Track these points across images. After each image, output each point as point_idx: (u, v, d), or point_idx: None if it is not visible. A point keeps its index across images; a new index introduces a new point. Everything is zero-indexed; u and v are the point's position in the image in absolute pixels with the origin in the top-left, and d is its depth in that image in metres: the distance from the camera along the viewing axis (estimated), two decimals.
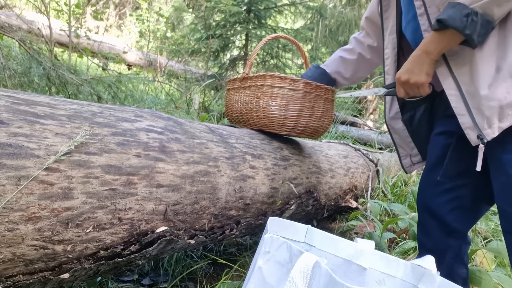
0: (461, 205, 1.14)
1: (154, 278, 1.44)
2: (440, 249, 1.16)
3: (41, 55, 2.45)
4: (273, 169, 1.41)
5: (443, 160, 1.16)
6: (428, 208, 1.18)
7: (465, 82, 1.01)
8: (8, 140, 0.69)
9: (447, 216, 1.14)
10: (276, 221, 0.86)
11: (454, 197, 1.13)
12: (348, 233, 2.05)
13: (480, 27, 0.93)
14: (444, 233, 1.15)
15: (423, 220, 1.21)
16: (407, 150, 1.36)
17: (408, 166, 1.38)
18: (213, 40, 4.76)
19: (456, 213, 1.14)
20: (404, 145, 1.36)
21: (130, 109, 1.05)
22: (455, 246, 1.16)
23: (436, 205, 1.15)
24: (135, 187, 0.88)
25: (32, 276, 0.75)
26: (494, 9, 0.93)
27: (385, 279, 0.83)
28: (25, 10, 7.70)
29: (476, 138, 0.99)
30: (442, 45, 1.01)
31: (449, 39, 1.00)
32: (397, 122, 1.34)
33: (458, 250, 1.16)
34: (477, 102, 0.98)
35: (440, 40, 1.01)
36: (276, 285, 0.75)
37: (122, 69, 6.69)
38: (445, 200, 1.14)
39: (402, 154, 1.37)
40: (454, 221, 1.14)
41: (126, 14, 11.91)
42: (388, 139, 5.05)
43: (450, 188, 1.13)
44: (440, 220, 1.15)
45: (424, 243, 1.21)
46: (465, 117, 1.01)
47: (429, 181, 1.19)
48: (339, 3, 8.68)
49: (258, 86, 1.47)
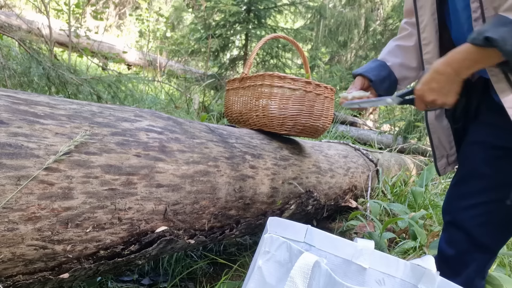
0: (491, 221, 1.05)
1: (154, 278, 1.44)
2: (464, 261, 1.09)
3: (41, 55, 2.45)
4: (273, 169, 1.41)
5: (475, 173, 1.08)
6: (454, 221, 1.11)
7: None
8: (8, 140, 0.69)
9: (475, 230, 1.06)
10: (276, 221, 0.86)
11: (484, 212, 1.05)
12: (348, 233, 2.05)
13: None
14: (471, 246, 1.08)
15: (448, 230, 1.14)
16: (446, 149, 1.25)
17: (443, 167, 1.27)
18: (213, 40, 4.75)
19: (485, 228, 1.06)
20: (444, 144, 1.24)
21: (130, 109, 1.05)
22: (480, 260, 1.09)
23: (464, 219, 1.08)
24: (135, 187, 0.88)
25: (32, 276, 0.75)
26: None
27: (385, 279, 0.83)
28: (25, 10, 7.70)
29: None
30: (478, 65, 0.90)
31: (488, 59, 0.87)
32: (442, 119, 1.21)
33: (483, 265, 1.10)
34: None
35: (478, 59, 0.87)
36: (276, 284, 0.75)
37: (122, 69, 6.69)
38: (473, 215, 1.06)
39: (439, 155, 1.27)
40: (482, 235, 1.06)
41: (126, 14, 11.91)
42: (388, 139, 5.06)
43: (481, 203, 1.05)
44: (467, 233, 1.08)
45: (444, 251, 1.13)
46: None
47: (457, 192, 1.12)
48: (339, 3, 8.67)
49: (257, 86, 1.47)
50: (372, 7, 8.12)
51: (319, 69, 8.15)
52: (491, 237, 1.07)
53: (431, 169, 2.74)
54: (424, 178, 2.66)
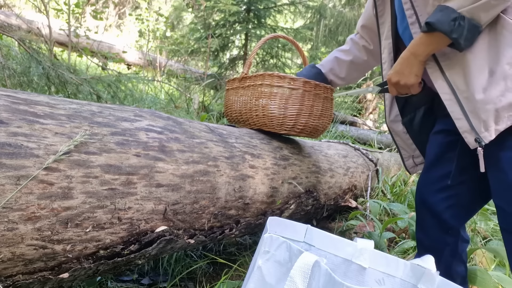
0: (458, 203, 1.16)
1: (153, 278, 1.44)
2: (438, 247, 1.18)
3: (41, 55, 2.44)
4: (272, 169, 1.41)
5: (441, 158, 1.17)
6: (425, 206, 1.20)
7: (459, 86, 1.03)
8: (7, 140, 0.69)
9: (444, 213, 1.16)
10: (275, 220, 0.86)
11: (451, 194, 1.16)
12: (347, 233, 2.05)
13: (466, 31, 0.95)
14: (441, 231, 1.17)
15: (421, 217, 1.22)
16: (409, 151, 1.38)
17: (411, 167, 1.40)
18: (213, 40, 4.75)
19: (453, 211, 1.16)
20: (406, 147, 1.38)
21: (130, 109, 1.05)
22: (452, 244, 1.18)
23: (434, 202, 1.17)
24: (134, 186, 0.88)
25: (32, 275, 0.75)
26: (481, 14, 0.95)
27: (384, 279, 0.84)
28: (25, 9, 7.70)
29: (474, 142, 1.01)
30: (430, 47, 1.04)
31: (437, 42, 1.02)
32: (397, 125, 1.36)
33: (455, 248, 1.18)
34: (472, 106, 1.00)
35: (428, 42, 1.03)
36: (275, 284, 0.75)
37: (121, 69, 6.69)
38: (442, 198, 1.16)
39: (405, 155, 1.39)
40: (450, 218, 1.16)
41: (126, 13, 11.90)
42: (388, 139, 5.06)
43: (448, 186, 1.15)
44: (437, 218, 1.17)
45: (422, 241, 1.22)
46: (462, 121, 1.02)
47: (427, 179, 1.21)
48: (339, 3, 8.68)
49: (257, 86, 1.47)
50: None
51: None
52: (458, 219, 1.17)
53: None
54: None
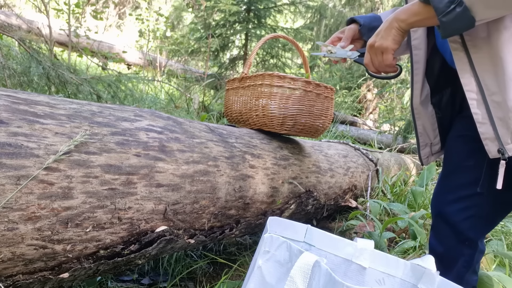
0: (476, 214, 1.07)
1: (153, 278, 1.44)
2: (452, 256, 1.10)
3: (41, 55, 2.44)
4: (272, 169, 1.41)
5: (459, 167, 1.09)
6: (441, 215, 1.12)
7: (489, 86, 0.90)
8: (7, 140, 0.69)
9: (461, 224, 1.08)
10: (275, 220, 0.86)
11: (469, 205, 1.07)
12: (347, 233, 2.05)
13: (455, 19, 0.84)
14: (457, 241, 1.09)
15: (436, 226, 1.15)
16: (430, 138, 1.24)
17: (426, 156, 1.26)
18: (213, 40, 4.75)
19: (471, 222, 1.07)
20: (428, 132, 1.23)
21: (130, 109, 1.05)
22: (468, 255, 1.10)
23: (450, 212, 1.09)
24: (134, 186, 0.88)
25: (32, 275, 0.75)
26: (480, 8, 0.83)
27: (384, 279, 0.84)
28: (25, 9, 7.70)
29: (496, 152, 0.91)
30: (415, 18, 0.93)
31: (425, 16, 0.91)
32: (427, 105, 1.20)
33: (471, 259, 1.11)
34: (502, 112, 0.89)
35: (417, 12, 0.92)
36: (275, 284, 0.75)
37: (121, 69, 6.68)
38: (460, 208, 1.08)
39: (422, 143, 1.26)
40: (468, 229, 1.08)
41: (126, 13, 11.90)
42: (388, 139, 5.06)
43: (466, 196, 1.07)
44: (453, 228, 1.09)
45: (434, 248, 1.15)
46: (486, 126, 0.92)
47: (444, 187, 1.13)
48: (339, 3, 8.67)
49: (257, 86, 1.47)
50: (372, 6, 8.11)
51: (319, 68, 8.15)
52: (476, 230, 1.09)
53: (431, 168, 2.75)
54: (424, 178, 2.66)
